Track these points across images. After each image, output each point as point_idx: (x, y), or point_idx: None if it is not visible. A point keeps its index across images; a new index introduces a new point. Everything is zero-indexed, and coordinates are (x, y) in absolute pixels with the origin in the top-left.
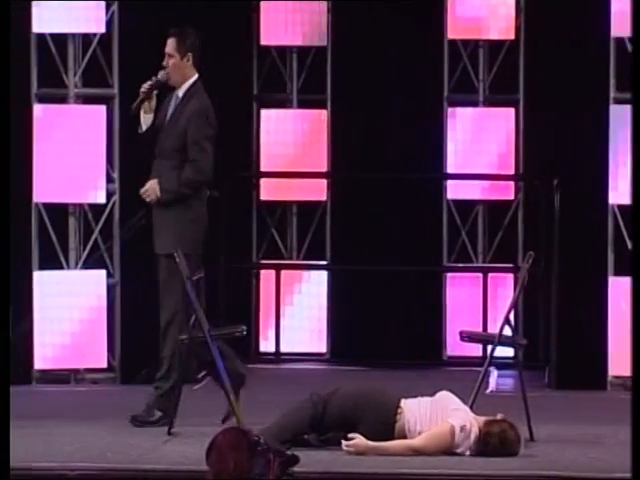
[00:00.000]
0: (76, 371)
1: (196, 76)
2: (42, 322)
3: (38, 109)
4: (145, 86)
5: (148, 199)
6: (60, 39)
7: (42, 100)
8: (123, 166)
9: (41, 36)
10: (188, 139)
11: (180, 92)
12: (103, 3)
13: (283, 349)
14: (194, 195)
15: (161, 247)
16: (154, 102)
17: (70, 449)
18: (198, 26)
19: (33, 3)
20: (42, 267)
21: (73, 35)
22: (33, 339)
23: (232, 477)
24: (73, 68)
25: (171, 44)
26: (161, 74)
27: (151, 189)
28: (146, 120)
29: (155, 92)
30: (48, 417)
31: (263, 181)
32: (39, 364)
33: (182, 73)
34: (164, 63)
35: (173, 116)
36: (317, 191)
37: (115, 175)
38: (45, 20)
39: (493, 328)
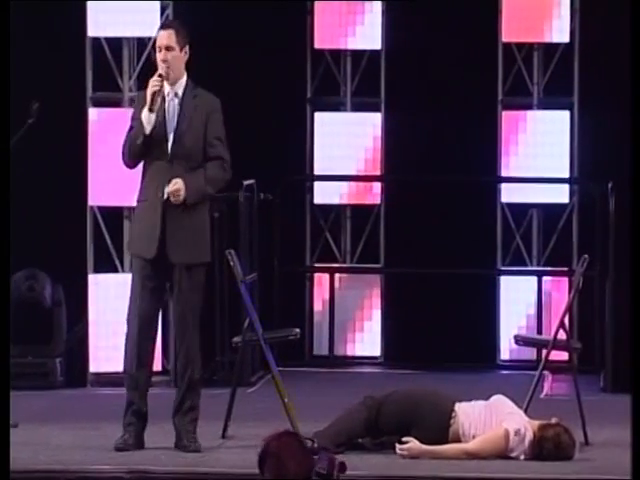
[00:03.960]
0: None
1: (186, 73)
2: (97, 325)
3: (93, 113)
4: (157, 81)
5: (177, 199)
6: (115, 42)
7: (97, 104)
8: None
9: (96, 40)
10: (209, 137)
11: (179, 89)
12: (158, 4)
13: (337, 352)
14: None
15: (189, 256)
16: (160, 100)
17: (125, 451)
18: (252, 28)
19: (88, 5)
20: (97, 270)
21: (128, 39)
22: (88, 342)
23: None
24: (128, 72)
25: (169, 36)
26: (162, 68)
27: (180, 189)
28: (150, 120)
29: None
30: (103, 419)
31: (317, 184)
32: (94, 367)
33: (180, 68)
34: (161, 57)
35: (183, 115)
36: (371, 194)
37: None
38: (100, 24)
39: (548, 332)
